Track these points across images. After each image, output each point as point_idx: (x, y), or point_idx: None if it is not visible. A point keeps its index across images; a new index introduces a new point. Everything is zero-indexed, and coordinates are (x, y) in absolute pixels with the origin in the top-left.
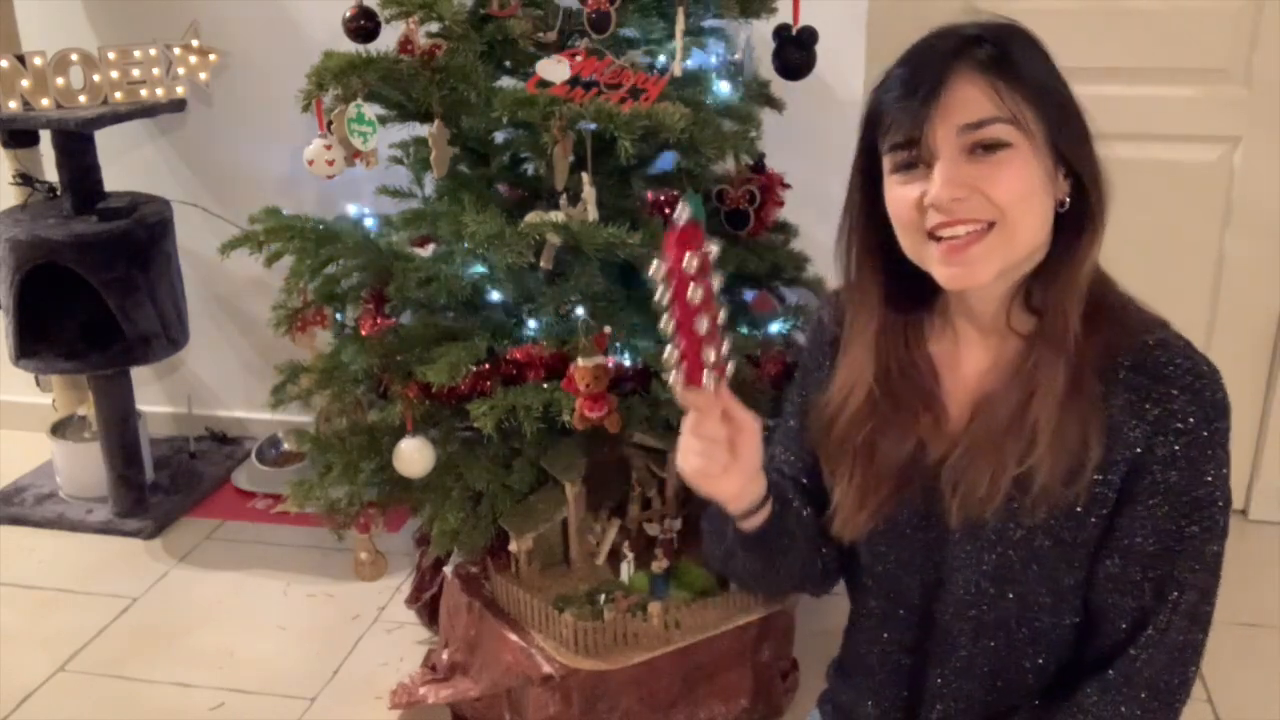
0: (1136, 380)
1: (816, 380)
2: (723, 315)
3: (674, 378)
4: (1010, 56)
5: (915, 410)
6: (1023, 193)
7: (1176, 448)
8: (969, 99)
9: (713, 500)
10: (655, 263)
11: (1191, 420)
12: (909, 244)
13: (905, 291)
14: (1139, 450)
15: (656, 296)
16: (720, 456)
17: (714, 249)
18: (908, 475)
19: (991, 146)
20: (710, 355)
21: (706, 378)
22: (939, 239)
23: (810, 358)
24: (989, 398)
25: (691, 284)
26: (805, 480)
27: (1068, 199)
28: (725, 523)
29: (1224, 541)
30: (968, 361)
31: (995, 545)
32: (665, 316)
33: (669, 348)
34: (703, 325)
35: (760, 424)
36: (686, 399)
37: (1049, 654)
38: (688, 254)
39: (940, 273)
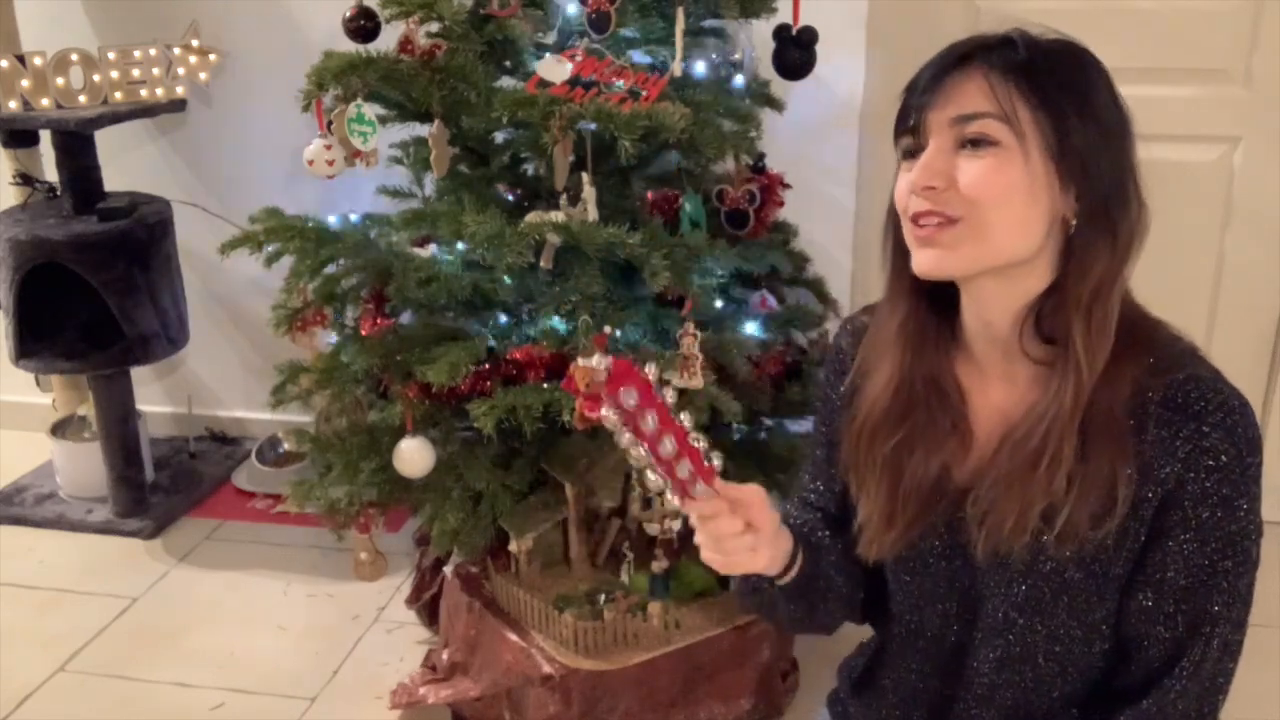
0: (1167, 415)
1: (837, 407)
2: (688, 424)
3: (671, 499)
4: (1034, 64)
5: (944, 429)
6: (995, 191)
7: (1209, 484)
8: (965, 92)
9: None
10: (604, 411)
11: (1224, 457)
12: (904, 232)
13: (931, 308)
14: (1170, 486)
15: (615, 440)
16: (744, 544)
17: (652, 370)
18: (935, 496)
19: (979, 143)
20: (685, 469)
21: (695, 488)
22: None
23: (830, 385)
24: (1015, 429)
25: (640, 416)
26: (834, 510)
27: (1075, 219)
28: (761, 580)
29: (1255, 572)
30: (993, 388)
31: (1025, 576)
32: (637, 453)
33: (653, 477)
34: (668, 447)
35: (762, 491)
36: (691, 511)
37: (1075, 683)
38: (621, 390)
39: (914, 260)
